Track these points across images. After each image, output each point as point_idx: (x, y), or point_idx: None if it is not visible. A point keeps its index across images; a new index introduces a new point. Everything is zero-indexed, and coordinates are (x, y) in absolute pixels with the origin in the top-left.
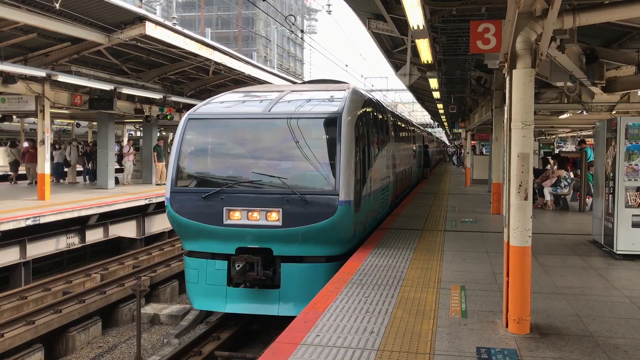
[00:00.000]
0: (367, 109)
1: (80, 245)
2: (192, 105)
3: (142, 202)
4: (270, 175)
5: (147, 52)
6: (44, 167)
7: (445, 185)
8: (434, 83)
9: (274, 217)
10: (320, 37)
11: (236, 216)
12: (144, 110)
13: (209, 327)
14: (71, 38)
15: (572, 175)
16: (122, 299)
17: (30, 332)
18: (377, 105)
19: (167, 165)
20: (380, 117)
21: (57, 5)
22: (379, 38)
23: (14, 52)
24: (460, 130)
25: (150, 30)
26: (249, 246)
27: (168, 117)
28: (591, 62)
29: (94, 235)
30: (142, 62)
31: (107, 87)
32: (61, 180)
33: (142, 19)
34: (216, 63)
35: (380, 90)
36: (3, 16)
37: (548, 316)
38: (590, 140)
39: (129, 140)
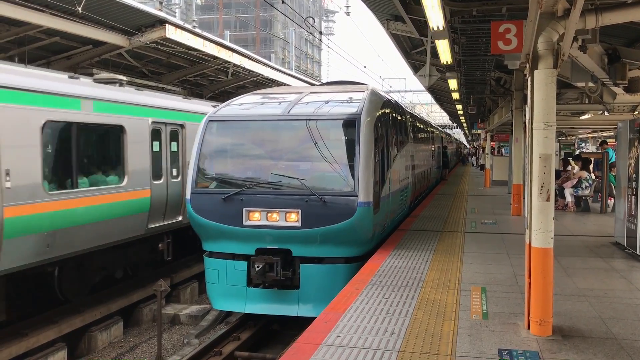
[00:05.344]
0: (386, 110)
1: None
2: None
3: None
4: (289, 177)
5: (167, 54)
6: None
7: (464, 186)
8: (453, 84)
9: (294, 218)
10: (338, 38)
11: (256, 217)
12: None
13: (229, 327)
14: (93, 41)
15: (593, 176)
16: (142, 299)
17: (54, 331)
18: (395, 106)
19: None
20: (399, 118)
21: (80, 9)
22: (397, 39)
23: (37, 55)
24: (479, 131)
25: (171, 33)
26: (268, 247)
27: None
28: (613, 62)
29: None
30: (162, 65)
31: None
32: None
33: (162, 22)
34: (235, 65)
35: (399, 92)
36: (28, 20)
37: (570, 318)
38: (611, 141)
39: None
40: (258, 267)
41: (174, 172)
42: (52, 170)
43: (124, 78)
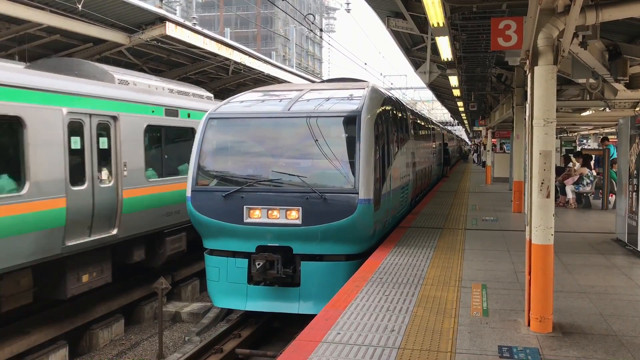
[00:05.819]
0: (387, 107)
1: None
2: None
3: None
4: (290, 174)
5: (168, 52)
6: None
7: (465, 183)
8: (454, 81)
9: (294, 215)
10: (339, 35)
11: (256, 215)
12: None
13: (230, 324)
14: (93, 39)
15: (594, 173)
16: (144, 297)
17: (55, 329)
18: (396, 104)
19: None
20: (400, 115)
21: (80, 7)
22: (398, 36)
23: (38, 53)
24: (480, 128)
25: (171, 30)
26: (269, 244)
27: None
28: (614, 58)
29: None
30: (163, 62)
31: None
32: None
33: (162, 20)
34: (236, 63)
35: (400, 89)
36: (28, 18)
37: (571, 315)
38: (613, 138)
39: None
40: (259, 264)
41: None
42: None
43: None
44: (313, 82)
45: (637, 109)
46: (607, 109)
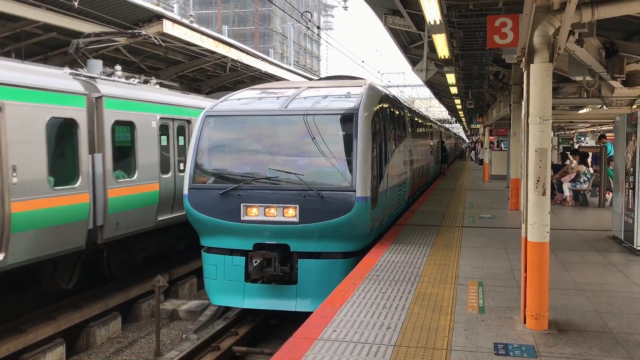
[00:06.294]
0: (384, 105)
1: None
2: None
3: None
4: (287, 172)
5: (165, 49)
6: None
7: (463, 181)
8: (451, 78)
9: (291, 213)
10: (336, 33)
11: (253, 212)
12: None
13: (227, 322)
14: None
15: (591, 170)
16: (141, 294)
17: (52, 327)
18: (393, 101)
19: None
20: (397, 113)
21: (76, 4)
22: (395, 34)
23: (34, 50)
24: (478, 126)
25: (168, 28)
26: (266, 242)
27: None
28: (611, 56)
29: None
30: (160, 60)
31: None
32: None
33: (159, 17)
34: (233, 60)
35: (397, 86)
36: (24, 15)
37: (567, 312)
38: (610, 135)
39: None
40: (256, 262)
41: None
42: None
43: None
44: (310, 79)
45: (634, 106)
46: (604, 107)
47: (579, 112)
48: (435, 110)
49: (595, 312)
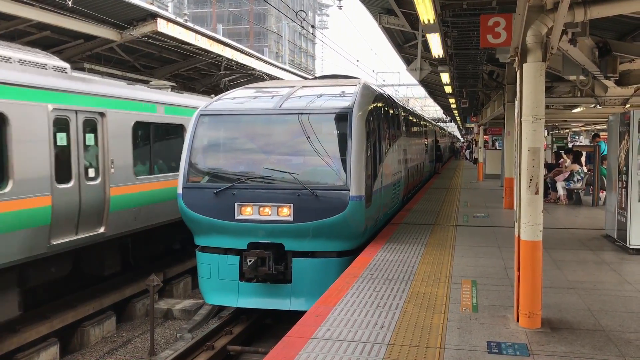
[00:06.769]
0: (378, 104)
1: None
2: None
3: None
4: (281, 171)
5: (159, 48)
6: None
7: (457, 180)
8: (445, 77)
9: (286, 212)
10: (331, 32)
11: (248, 211)
12: None
13: (222, 321)
14: (84, 35)
15: (585, 169)
16: (135, 294)
17: (46, 326)
18: (388, 100)
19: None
20: (392, 112)
21: (70, 3)
22: (390, 33)
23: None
24: (472, 125)
25: (162, 27)
26: (260, 241)
27: None
28: (604, 55)
29: None
30: (155, 59)
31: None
32: None
33: (154, 16)
34: (228, 59)
35: (392, 85)
36: (17, 14)
37: (560, 311)
38: (604, 134)
39: None
40: (250, 261)
41: None
42: None
43: None
44: (305, 78)
45: (627, 105)
46: (598, 106)
47: (572, 111)
48: (430, 109)
49: (588, 310)
